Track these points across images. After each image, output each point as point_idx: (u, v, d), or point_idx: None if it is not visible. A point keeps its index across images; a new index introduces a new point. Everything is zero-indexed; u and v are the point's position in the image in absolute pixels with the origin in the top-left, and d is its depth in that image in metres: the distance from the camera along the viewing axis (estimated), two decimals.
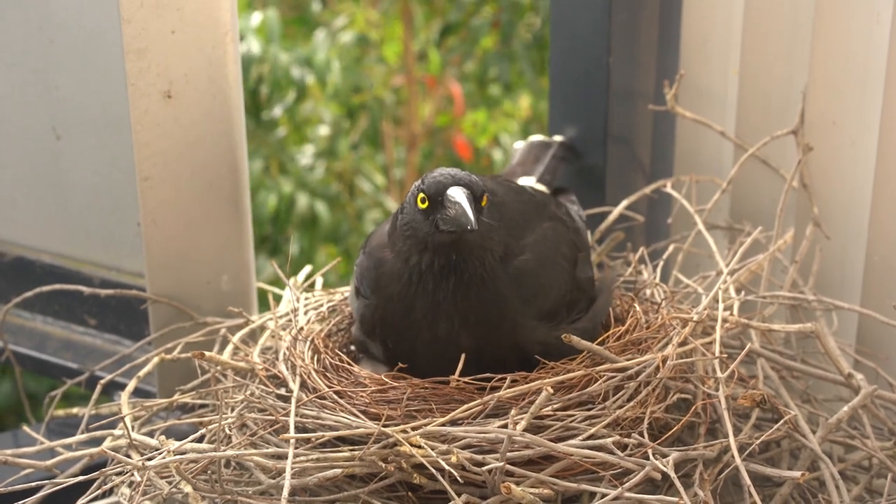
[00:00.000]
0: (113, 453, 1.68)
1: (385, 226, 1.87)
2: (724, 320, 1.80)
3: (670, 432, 1.65)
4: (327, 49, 5.00)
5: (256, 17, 4.50)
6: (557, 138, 2.43)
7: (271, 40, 4.46)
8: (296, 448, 1.59)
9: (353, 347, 1.97)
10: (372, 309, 1.80)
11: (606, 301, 1.90)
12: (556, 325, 1.76)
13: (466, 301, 1.71)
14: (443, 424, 1.60)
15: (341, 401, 1.69)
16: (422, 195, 1.70)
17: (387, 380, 1.70)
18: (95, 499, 1.78)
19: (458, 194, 1.66)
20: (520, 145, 2.43)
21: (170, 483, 1.66)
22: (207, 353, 1.82)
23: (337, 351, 1.86)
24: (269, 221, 4.64)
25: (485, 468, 1.54)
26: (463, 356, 1.68)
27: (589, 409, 1.65)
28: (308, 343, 1.87)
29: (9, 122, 2.41)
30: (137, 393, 1.97)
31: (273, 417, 1.69)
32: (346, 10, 5.43)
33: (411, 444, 1.54)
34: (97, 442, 1.89)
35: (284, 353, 1.84)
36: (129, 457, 1.73)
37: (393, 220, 1.80)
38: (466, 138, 5.74)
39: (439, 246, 1.69)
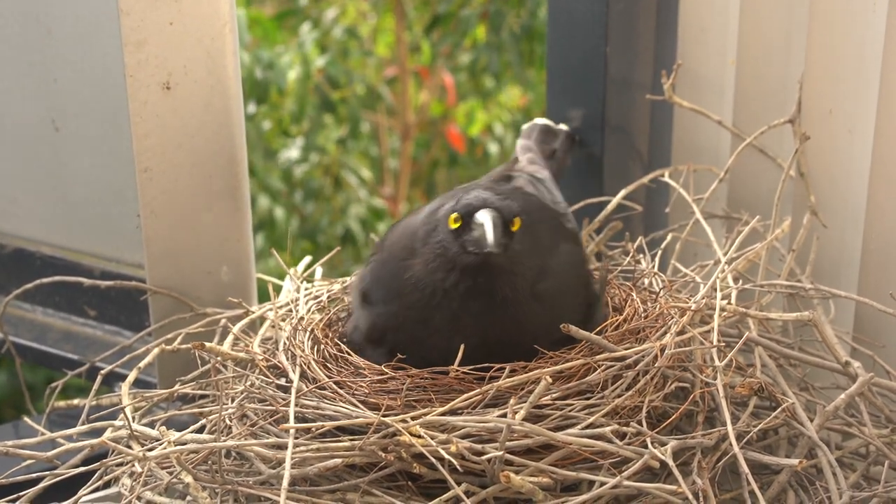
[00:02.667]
0: (114, 444, 1.69)
1: (400, 231, 1.87)
2: (722, 309, 1.80)
3: (668, 421, 1.66)
4: (314, 41, 4.99)
5: None
6: (563, 127, 2.43)
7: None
8: (296, 438, 1.60)
9: (349, 326, 1.97)
10: (385, 317, 1.79)
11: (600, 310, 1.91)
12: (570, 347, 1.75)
13: (488, 321, 1.71)
14: (442, 414, 1.60)
15: (341, 391, 1.69)
16: (455, 215, 1.71)
17: (386, 370, 1.70)
18: (97, 489, 1.79)
19: (484, 217, 1.67)
20: (528, 126, 2.42)
21: (170, 473, 1.67)
22: (207, 344, 1.83)
23: (337, 340, 1.86)
24: None
25: (484, 457, 1.54)
26: (462, 346, 1.68)
27: (588, 399, 1.66)
28: (308, 333, 1.88)
29: (7, 115, 2.41)
30: (138, 384, 1.98)
31: (273, 408, 1.70)
32: (337, 2, 5.42)
33: (411, 434, 1.55)
34: (98, 433, 1.89)
35: (284, 344, 1.84)
36: (129, 447, 1.74)
37: (424, 232, 1.78)
38: (459, 129, 5.75)
39: (465, 267, 1.70)
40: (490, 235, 1.65)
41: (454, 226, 1.71)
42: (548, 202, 2.02)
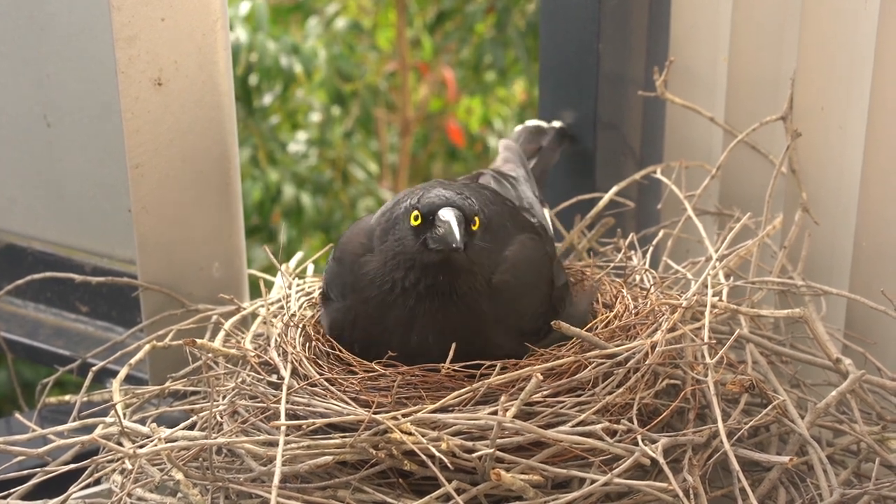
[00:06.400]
0: (104, 441, 1.68)
1: (355, 230, 1.87)
2: (713, 306, 1.80)
3: (659, 418, 1.66)
4: (319, 36, 5.00)
5: (245, 6, 4.50)
6: (556, 124, 2.43)
7: (259, 29, 4.46)
8: (287, 435, 1.60)
9: None
10: (343, 312, 1.79)
11: (584, 313, 1.90)
12: (533, 341, 1.75)
13: (444, 317, 1.71)
14: (433, 411, 1.60)
15: (332, 388, 1.69)
16: (415, 213, 1.70)
17: (377, 367, 1.70)
18: (87, 486, 1.78)
19: (448, 214, 1.66)
20: (518, 129, 2.43)
21: (161, 470, 1.67)
22: (199, 341, 1.82)
23: (328, 337, 1.86)
24: (254, 211, 4.64)
25: (475, 455, 1.54)
26: (453, 346, 1.68)
27: (578, 396, 1.66)
28: (299, 330, 1.88)
29: (0, 111, 2.41)
30: (129, 380, 1.98)
31: (264, 404, 1.70)
32: None
33: (402, 431, 1.55)
34: (89, 429, 1.89)
35: (276, 340, 1.84)
36: (120, 444, 1.74)
37: (381, 230, 1.78)
38: (460, 124, 5.74)
39: (427, 266, 1.69)
40: (456, 233, 1.65)
41: (415, 223, 1.70)
42: (510, 197, 2.01)
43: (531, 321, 1.77)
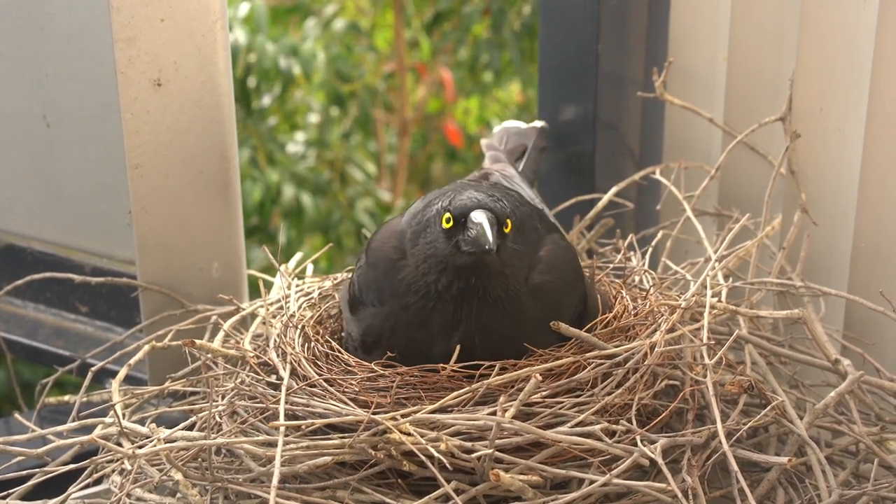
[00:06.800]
0: (103, 441, 1.68)
1: (385, 233, 1.86)
2: (712, 307, 1.80)
3: (658, 419, 1.66)
4: (317, 37, 5.00)
5: (244, 7, 4.50)
6: (537, 124, 2.42)
7: (258, 30, 4.46)
8: (286, 436, 1.60)
9: (343, 334, 1.97)
10: (382, 318, 1.77)
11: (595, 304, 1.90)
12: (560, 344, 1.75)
13: (490, 319, 1.70)
14: (432, 412, 1.60)
15: (331, 388, 1.69)
16: (447, 215, 1.69)
17: (376, 368, 1.70)
18: (86, 486, 1.78)
19: (480, 217, 1.66)
20: (498, 130, 2.42)
21: (160, 471, 1.67)
22: (198, 341, 1.83)
23: (328, 338, 1.86)
24: (254, 212, 4.64)
25: (474, 455, 1.54)
26: (458, 348, 1.68)
27: (577, 396, 1.66)
28: (299, 330, 1.88)
29: (0, 111, 2.41)
30: (128, 380, 1.98)
31: (263, 405, 1.70)
32: None
33: (401, 432, 1.55)
34: (88, 430, 1.89)
35: (275, 341, 1.84)
36: (119, 445, 1.73)
37: (413, 233, 1.77)
38: (458, 125, 5.74)
39: (459, 268, 1.68)
40: (489, 235, 1.64)
41: (447, 226, 1.69)
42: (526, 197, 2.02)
43: (569, 319, 1.76)
